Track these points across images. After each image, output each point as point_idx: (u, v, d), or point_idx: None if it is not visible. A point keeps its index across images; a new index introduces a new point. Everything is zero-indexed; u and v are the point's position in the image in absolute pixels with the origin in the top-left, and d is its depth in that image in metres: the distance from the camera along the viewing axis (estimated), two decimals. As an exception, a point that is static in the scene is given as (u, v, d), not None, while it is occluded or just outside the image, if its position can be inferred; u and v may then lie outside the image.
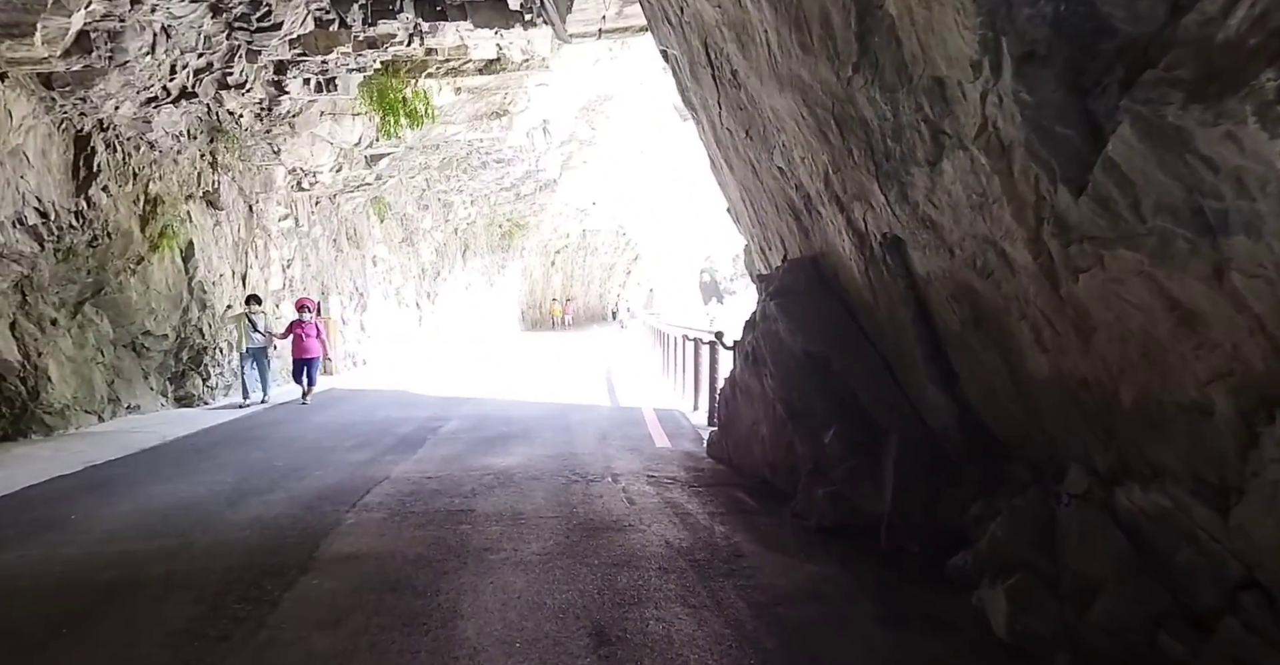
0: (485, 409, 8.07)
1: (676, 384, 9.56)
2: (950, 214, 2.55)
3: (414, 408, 8.15)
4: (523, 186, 19.73)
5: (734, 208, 5.49)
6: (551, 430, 6.74)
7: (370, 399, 9.02)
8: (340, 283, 12.36)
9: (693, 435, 6.47)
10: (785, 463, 4.23)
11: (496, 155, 14.86)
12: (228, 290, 8.82)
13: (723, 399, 5.10)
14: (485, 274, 21.62)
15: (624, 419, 7.43)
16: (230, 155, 8.47)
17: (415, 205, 15.36)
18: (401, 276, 15.47)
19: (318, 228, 11.28)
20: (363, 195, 12.07)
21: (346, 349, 12.48)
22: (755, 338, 4.34)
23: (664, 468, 5.15)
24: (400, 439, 6.34)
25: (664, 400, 8.76)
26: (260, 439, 6.35)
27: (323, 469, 5.16)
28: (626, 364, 13.63)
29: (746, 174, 4.52)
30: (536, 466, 5.19)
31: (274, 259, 9.97)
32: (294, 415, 7.68)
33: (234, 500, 4.31)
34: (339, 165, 10.06)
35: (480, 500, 4.26)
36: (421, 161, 13.10)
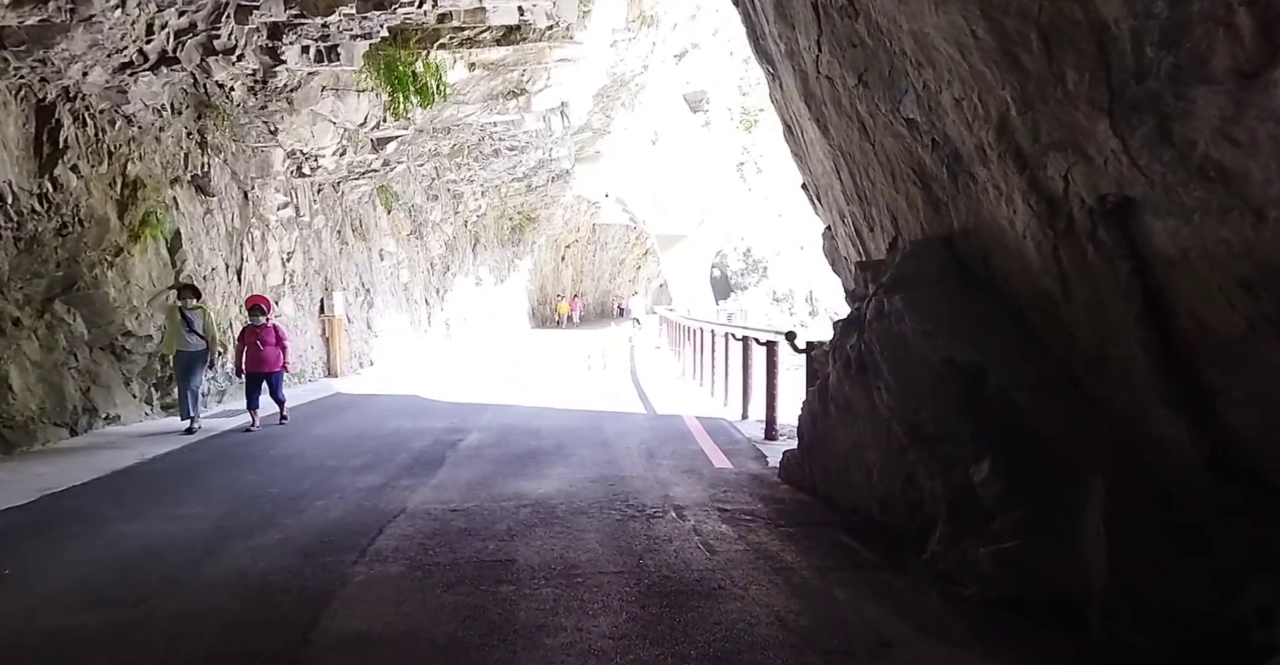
0: (508, 418, 7.22)
1: (712, 387, 8.69)
2: (1272, 156, 1.65)
3: (428, 416, 7.31)
4: (535, 177, 18.84)
5: (815, 182, 4.59)
6: (587, 445, 5.88)
7: (379, 406, 8.18)
8: (345, 278, 11.53)
9: (752, 452, 5.59)
10: (903, 499, 3.35)
11: (510, 141, 13.96)
12: (221, 285, 7.98)
13: (808, 414, 4.22)
14: (496, 269, 20.78)
15: (666, 430, 6.56)
16: (221, 134, 7.61)
17: (424, 195, 14.50)
18: (410, 271, 14.63)
19: (320, 218, 10.44)
20: (368, 183, 11.22)
21: (352, 349, 11.66)
22: (864, 341, 3.45)
23: (734, 497, 4.27)
24: (415, 456, 5.49)
25: (702, 407, 7.89)
26: (254, 457, 5.51)
27: (325, 498, 4.31)
28: (651, 364, 12.77)
29: (847, 135, 3.62)
30: (580, 494, 4.33)
31: (273, 251, 9.14)
32: (294, 427, 6.85)
33: (214, 545, 3.46)
34: (343, 148, 9.20)
35: (520, 545, 3.40)
36: (431, 147, 12.22)
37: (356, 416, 7.43)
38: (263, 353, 6.61)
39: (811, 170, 4.52)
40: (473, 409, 7.79)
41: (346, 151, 9.31)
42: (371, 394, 9.11)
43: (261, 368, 6.63)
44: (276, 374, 6.74)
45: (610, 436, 6.25)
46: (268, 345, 6.62)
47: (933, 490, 3.12)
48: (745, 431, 6.47)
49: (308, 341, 10.11)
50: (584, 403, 8.20)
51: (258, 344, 6.60)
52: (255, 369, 6.62)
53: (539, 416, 7.28)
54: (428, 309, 16.20)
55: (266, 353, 6.62)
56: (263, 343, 6.61)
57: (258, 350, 6.60)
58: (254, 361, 6.61)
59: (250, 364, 6.62)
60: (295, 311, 9.76)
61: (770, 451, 5.56)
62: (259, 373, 6.63)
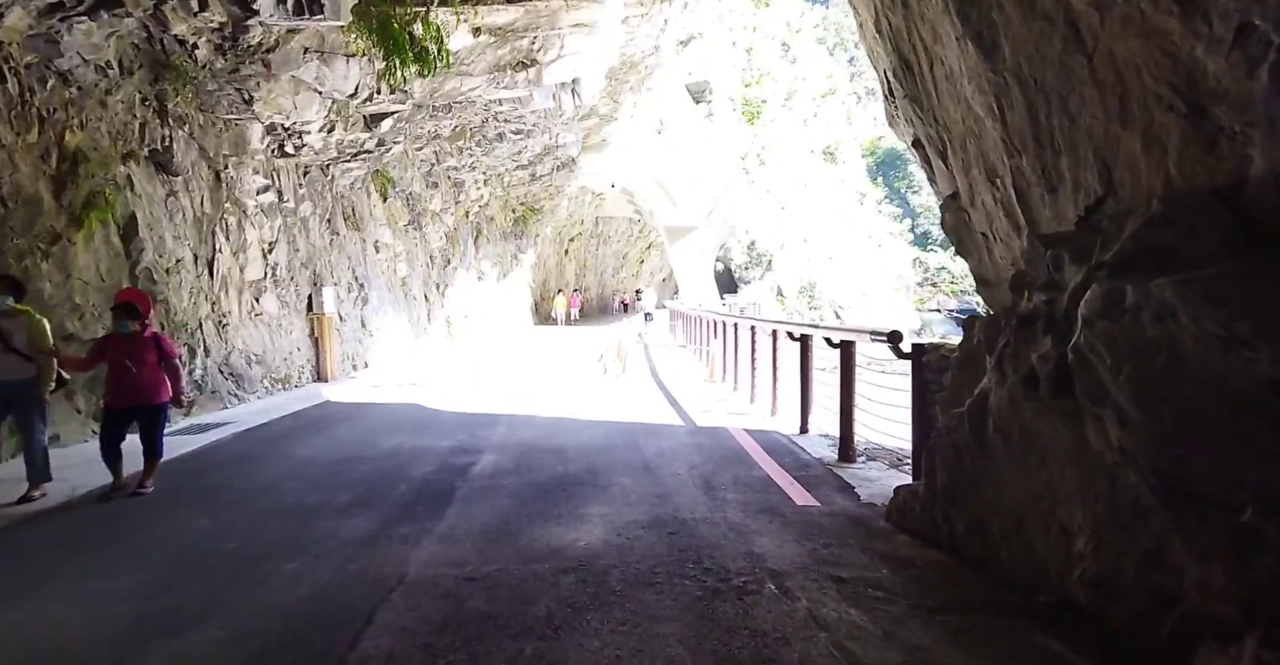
0: (525, 433, 6.14)
1: (752, 392, 7.59)
2: None
3: (431, 431, 6.22)
4: (540, 165, 17.73)
5: (942, 133, 3.46)
6: (626, 470, 4.79)
7: (374, 418, 7.10)
8: (337, 271, 10.42)
9: (833, 481, 4.50)
10: (1139, 586, 2.26)
11: (516, 123, 12.85)
12: (188, 280, 6.88)
13: (946, 445, 3.13)
14: (498, 263, 19.67)
15: (716, 449, 5.47)
16: (185, 102, 6.48)
17: (423, 182, 13.38)
18: (408, 265, 13.52)
19: (307, 204, 9.32)
20: (361, 166, 10.09)
21: (344, 350, 10.56)
22: (1071, 349, 2.36)
23: (844, 555, 3.19)
24: (417, 488, 4.41)
25: (746, 417, 6.80)
26: (213, 492, 4.42)
27: (298, 557, 3.23)
28: (671, 365, 11.68)
29: (1038, 49, 2.51)
30: (635, 550, 3.26)
31: (251, 241, 8.03)
32: (273, 447, 5.75)
33: (124, 653, 2.38)
34: (331, 124, 8.07)
35: (571, 647, 2.33)
36: (431, 128, 11.10)
37: (347, 432, 6.34)
38: (133, 377, 4.17)
39: (939, 118, 3.41)
40: (482, 421, 6.71)
41: (335, 128, 8.19)
42: (366, 403, 8.02)
43: (133, 400, 4.21)
44: (157, 409, 4.32)
45: (651, 458, 5.16)
46: (145, 366, 4.20)
47: (1207, 580, 2.03)
48: (811, 450, 5.39)
49: (293, 342, 9.01)
50: (609, 412, 7.11)
51: (127, 364, 4.15)
52: (123, 402, 4.22)
53: (560, 431, 6.19)
54: (427, 306, 15.10)
55: (142, 377, 4.20)
56: (136, 363, 4.17)
57: (127, 373, 4.16)
58: (121, 390, 4.19)
59: (116, 394, 4.21)
60: (279, 309, 8.67)
61: (854, 479, 4.50)
62: (129, 408, 4.24)
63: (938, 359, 3.61)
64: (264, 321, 8.33)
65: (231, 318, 7.57)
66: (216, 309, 7.31)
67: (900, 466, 4.82)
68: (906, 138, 3.99)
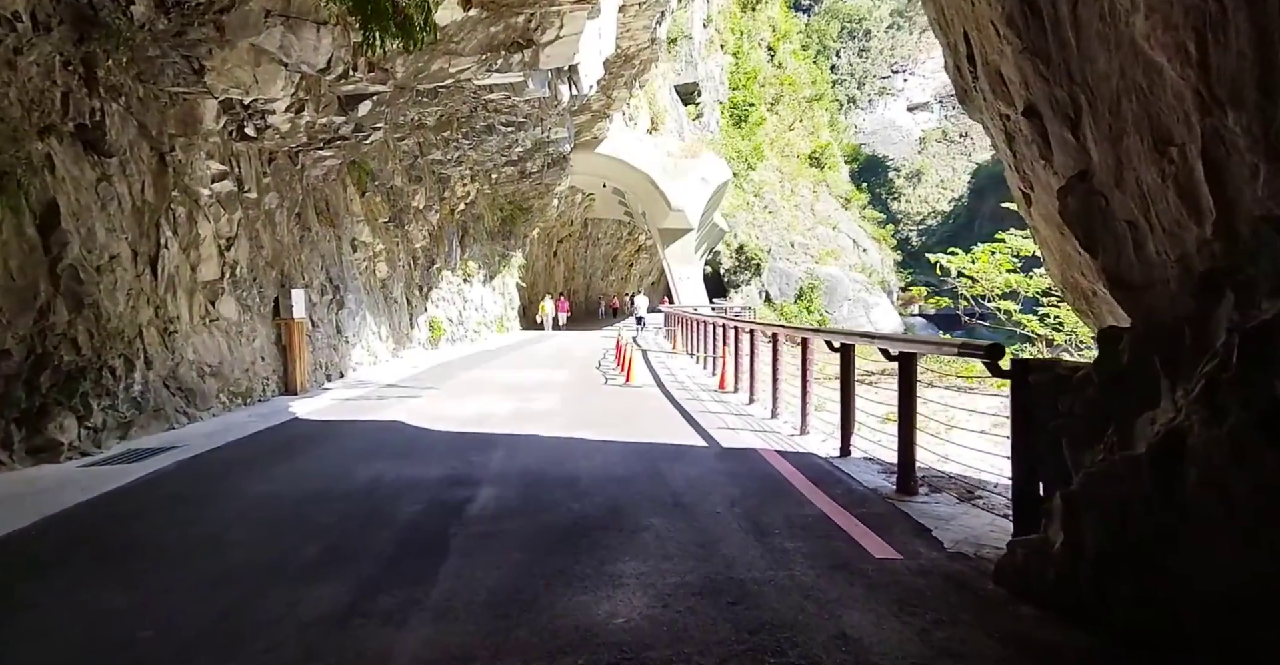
0: (528, 457, 5.26)
1: (773, 406, 6.80)
2: None
3: (417, 457, 5.32)
4: (530, 161, 16.84)
5: (1080, 93, 2.69)
6: (656, 507, 3.95)
7: (349, 439, 6.16)
8: (308, 272, 9.44)
9: (899, 519, 3.70)
10: None
11: (508, 114, 11.97)
12: (125, 279, 5.88)
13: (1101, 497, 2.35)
14: (486, 264, 18.70)
15: (752, 477, 4.65)
16: (120, 69, 5.51)
17: (405, 176, 12.42)
18: (388, 265, 12.53)
19: (273, 196, 8.34)
20: (336, 155, 9.14)
21: (317, 359, 9.57)
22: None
23: (970, 642, 2.38)
24: (402, 537, 3.52)
25: (773, 436, 5.99)
26: (138, 547, 3.47)
27: (237, 654, 2.34)
28: (675, 373, 10.85)
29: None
30: (691, 633, 2.42)
31: (205, 236, 7.04)
32: (223, 483, 4.81)
33: None
34: (299, 103, 7.14)
35: None
36: (415, 116, 10.18)
37: (316, 459, 5.41)
38: None
39: (1078, 72, 2.64)
40: (477, 443, 5.81)
41: (305, 108, 7.25)
42: (340, 420, 7.06)
43: None
44: None
45: (681, 490, 4.33)
46: None
47: None
48: (860, 478, 4.60)
49: (256, 351, 8.01)
50: (619, 430, 6.26)
51: None
52: None
53: (569, 455, 5.33)
54: (409, 309, 14.11)
55: None
56: None
57: None
58: None
59: None
60: (239, 314, 7.67)
61: (925, 518, 3.71)
62: None
63: (1049, 380, 2.86)
64: (221, 328, 7.34)
65: (180, 324, 6.58)
66: (161, 314, 6.32)
67: (974, 501, 4.06)
68: (992, 113, 3.25)
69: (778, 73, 59.90)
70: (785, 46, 63.36)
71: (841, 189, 62.95)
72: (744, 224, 44.96)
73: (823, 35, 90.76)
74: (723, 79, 50.11)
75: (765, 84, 56.44)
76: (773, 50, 61.14)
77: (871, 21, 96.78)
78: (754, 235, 45.39)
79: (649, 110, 30.52)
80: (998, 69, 2.96)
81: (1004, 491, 4.12)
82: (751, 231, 45.51)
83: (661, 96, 33.83)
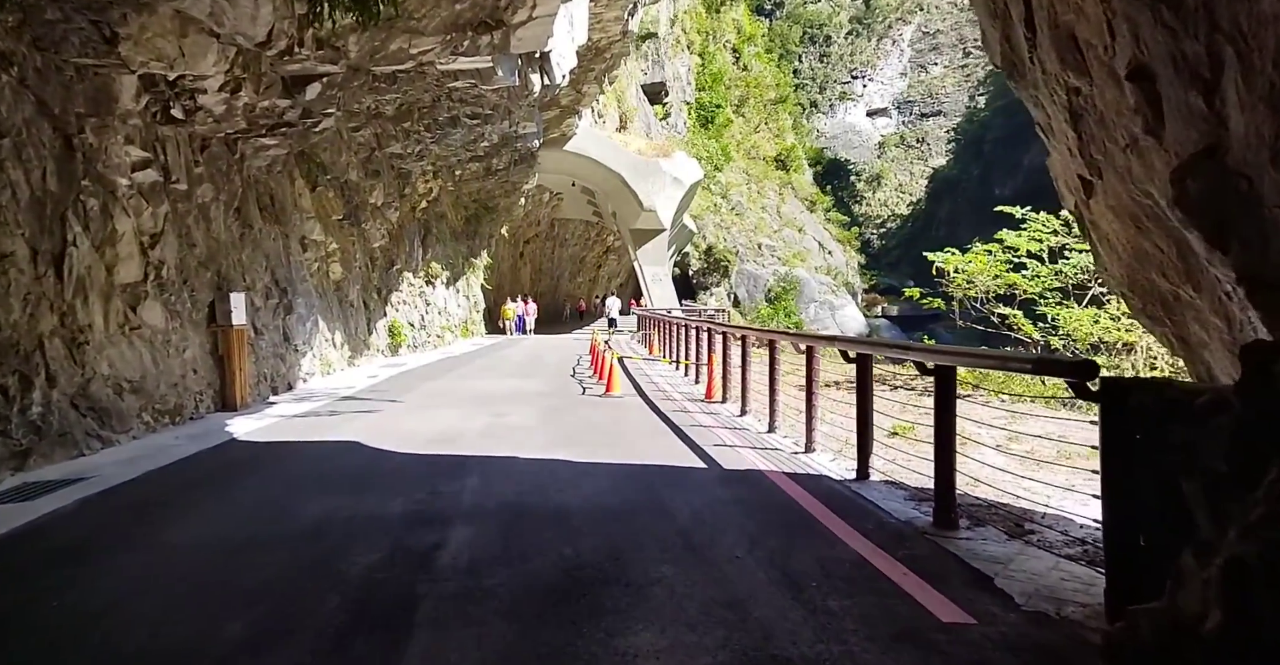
0: (506, 483, 4.58)
1: (772, 418, 6.29)
2: None
3: (376, 486, 4.58)
4: (497, 158, 16.05)
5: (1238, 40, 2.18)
6: (663, 550, 3.34)
7: (295, 464, 5.36)
8: (251, 273, 8.50)
9: (949, 562, 3.16)
10: None
11: (474, 105, 11.20)
12: (22, 283, 4.96)
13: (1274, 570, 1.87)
14: (450, 266, 17.78)
15: (765, 507, 4.08)
16: (9, 34, 4.61)
17: (361, 170, 11.50)
18: (343, 266, 11.59)
19: (207, 188, 7.41)
20: (281, 144, 8.24)
21: (262, 370, 8.63)
22: None
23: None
24: (355, 602, 2.80)
25: (775, 453, 5.47)
26: (6, 624, 2.69)
27: None
28: (655, 380, 10.28)
29: None
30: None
31: (124, 233, 6.11)
32: (133, 524, 3.99)
33: None
34: (235, 82, 6.28)
35: None
36: (371, 103, 9.34)
37: (254, 492, 4.61)
38: None
39: (1219, 20, 2.15)
40: (445, 467, 5.10)
41: (243, 88, 6.39)
42: (286, 441, 6.22)
43: None
44: None
45: (688, 526, 3.74)
46: None
47: None
48: (887, 506, 4.07)
49: (187, 363, 7.08)
50: (607, 449, 5.62)
51: None
52: None
53: (553, 480, 4.67)
54: (367, 313, 13.15)
55: None
56: None
57: None
58: None
59: None
60: (167, 321, 6.74)
61: (978, 560, 3.18)
62: None
63: (1157, 405, 2.41)
64: (144, 337, 6.41)
65: (93, 333, 5.65)
66: (69, 322, 5.39)
67: (1025, 536, 3.54)
68: (1052, 87, 2.79)
69: (743, 75, 60.20)
70: (750, 49, 63.77)
71: (806, 192, 63.65)
72: (711, 226, 44.85)
73: (785, 39, 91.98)
74: (689, 80, 49.98)
75: (731, 86, 56.60)
76: (738, 52, 61.43)
77: (832, 27, 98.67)
78: (722, 237, 45.33)
79: (618, 108, 29.95)
80: (1070, 32, 2.50)
81: (1056, 523, 3.67)
82: (719, 233, 45.43)
83: (629, 95, 33.33)
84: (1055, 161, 3.07)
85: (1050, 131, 2.95)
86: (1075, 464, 4.80)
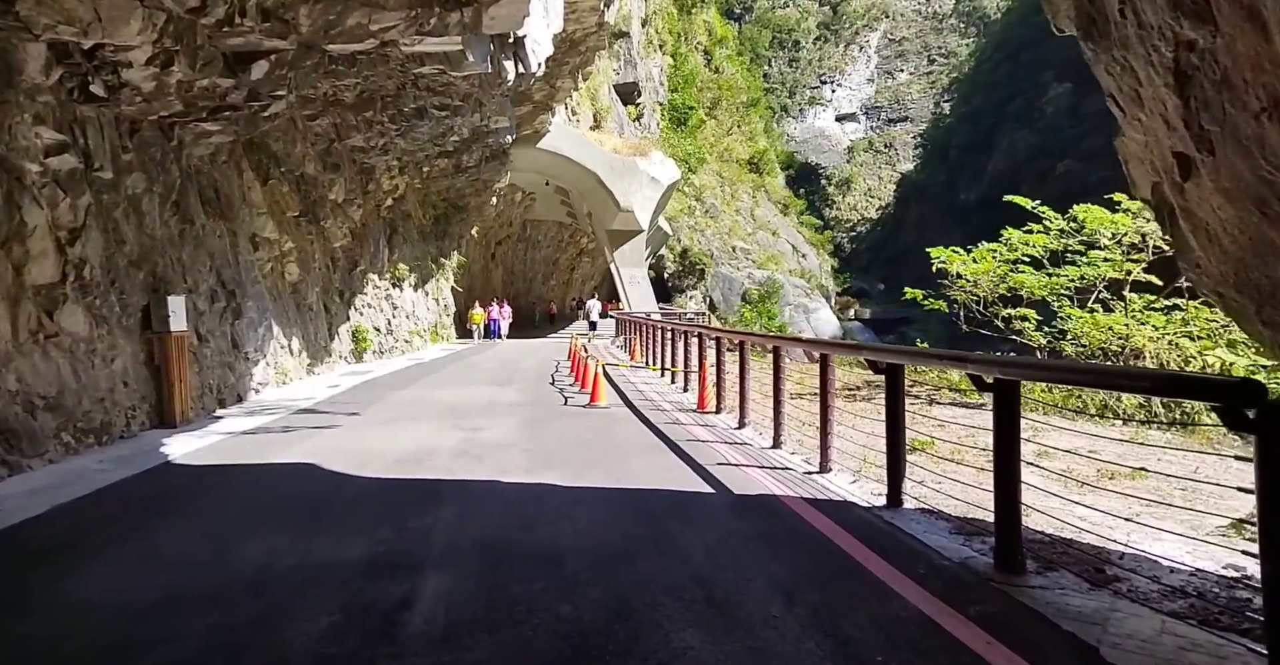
0: (487, 517, 3.94)
1: (777, 431, 5.77)
2: None
3: (333, 521, 3.89)
4: (467, 154, 15.28)
5: None
6: (683, 607, 2.73)
7: (237, 494, 4.62)
8: (192, 274, 7.65)
9: (1033, 622, 2.52)
10: None
11: (442, 95, 10.48)
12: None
13: None
14: (418, 267, 16.91)
15: (793, 545, 3.47)
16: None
17: (319, 162, 10.66)
18: (301, 267, 10.72)
19: (138, 177, 6.57)
20: (226, 130, 7.42)
21: (206, 381, 7.78)
22: None
23: None
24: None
25: (785, 472, 4.94)
26: None
27: None
28: (639, 388, 9.70)
29: None
30: None
31: (36, 227, 5.27)
32: (28, 573, 3.24)
33: None
34: (166, 54, 5.50)
35: None
36: (328, 88, 8.56)
37: (184, 529, 3.88)
38: None
39: None
40: (414, 495, 4.43)
41: (176, 63, 5.61)
42: (229, 464, 5.45)
43: None
44: None
45: (707, 571, 3.15)
46: None
47: None
48: (931, 540, 3.46)
49: (115, 374, 6.24)
50: (599, 471, 4.99)
51: None
52: None
53: (541, 512, 4.05)
54: (328, 317, 12.26)
55: None
56: None
57: None
58: None
59: None
60: (90, 328, 5.90)
61: (1058, 613, 2.64)
62: None
63: None
64: (62, 347, 5.57)
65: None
66: (-41, 330, 4.57)
67: (1112, 586, 2.93)
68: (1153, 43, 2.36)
69: (715, 77, 60.20)
70: (721, 51, 63.86)
71: (779, 195, 63.99)
72: (686, 228, 44.51)
73: (754, 43, 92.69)
74: (661, 80, 49.67)
75: (703, 88, 56.52)
76: (709, 54, 61.43)
77: (800, 32, 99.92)
78: (697, 240, 45.05)
79: (591, 107, 29.37)
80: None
81: (1140, 566, 3.14)
82: (694, 236, 45.14)
83: (603, 94, 32.74)
84: (1131, 141, 2.65)
85: (1135, 102, 2.51)
86: (1121, 486, 4.40)
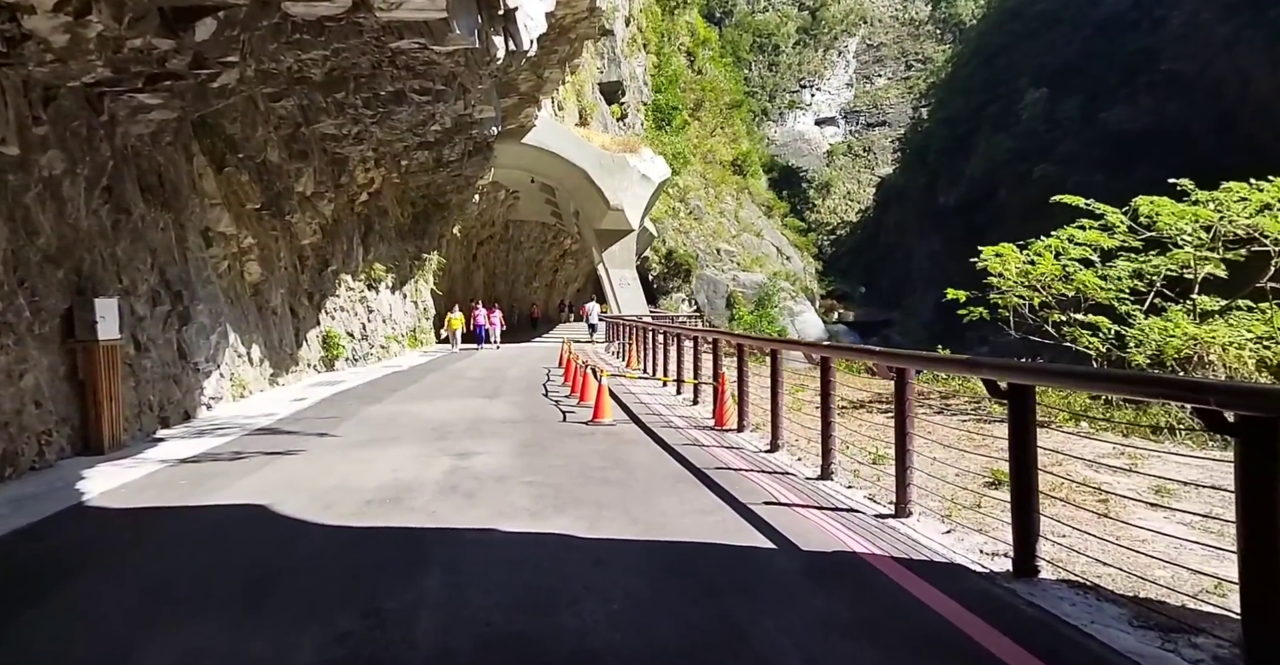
0: (484, 592, 2.91)
1: (824, 458, 4.91)
2: None
3: (278, 600, 2.89)
4: (449, 147, 14.27)
5: None
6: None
7: (160, 552, 3.57)
8: (129, 272, 6.54)
9: None
10: None
11: (422, 77, 9.49)
12: None
13: None
14: (396, 268, 15.79)
15: (921, 651, 2.52)
16: None
17: (284, 149, 9.57)
18: (263, 266, 9.61)
19: (56, 156, 5.48)
20: (169, 105, 6.34)
21: (145, 397, 6.66)
22: None
23: None
24: None
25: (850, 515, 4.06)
26: None
27: None
28: (646, 400, 8.79)
29: None
30: None
31: (-97, 208, 4.18)
32: None
33: None
34: (82, 1, 4.46)
35: None
36: (292, 62, 7.52)
37: (67, 616, 2.85)
38: None
39: None
40: (392, 554, 3.44)
41: (94, 12, 4.56)
42: (156, 507, 4.39)
43: None
44: None
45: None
46: None
47: None
48: (1109, 638, 2.39)
49: (26, 392, 5.13)
50: (621, 513, 4.00)
51: None
52: None
53: (558, 581, 3.08)
54: (295, 322, 11.13)
55: None
56: None
57: None
58: None
59: None
60: None
61: None
62: None
63: None
64: None
65: None
66: None
67: None
68: None
69: (699, 78, 59.81)
70: (705, 52, 63.53)
71: (763, 197, 63.81)
72: (671, 230, 43.86)
73: (735, 46, 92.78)
74: (645, 80, 49.03)
75: (687, 89, 56.06)
76: (693, 55, 61.04)
77: (780, 37, 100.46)
78: (682, 242, 44.42)
79: (577, 103, 28.46)
80: None
81: None
82: (679, 238, 44.51)
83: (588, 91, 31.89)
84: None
85: None
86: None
